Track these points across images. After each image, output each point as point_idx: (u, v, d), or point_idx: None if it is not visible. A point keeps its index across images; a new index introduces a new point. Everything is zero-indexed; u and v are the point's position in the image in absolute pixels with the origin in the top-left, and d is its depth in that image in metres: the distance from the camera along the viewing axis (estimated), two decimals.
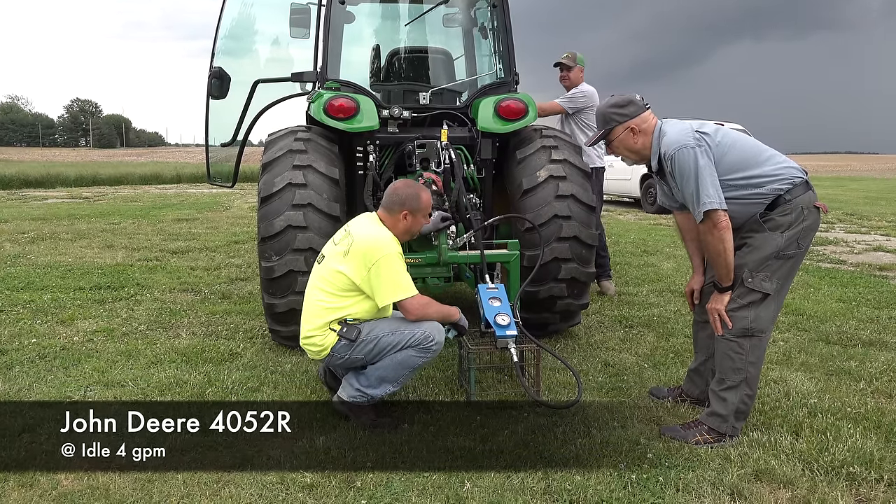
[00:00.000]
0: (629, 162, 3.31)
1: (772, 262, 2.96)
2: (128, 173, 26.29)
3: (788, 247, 2.96)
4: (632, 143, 3.10)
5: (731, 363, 3.05)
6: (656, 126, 3.08)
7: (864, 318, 5.40)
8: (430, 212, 3.46)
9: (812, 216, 2.98)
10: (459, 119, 4.85)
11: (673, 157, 2.94)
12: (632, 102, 3.09)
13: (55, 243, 8.91)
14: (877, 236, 10.76)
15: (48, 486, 2.70)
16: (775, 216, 2.96)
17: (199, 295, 6.08)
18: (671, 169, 2.99)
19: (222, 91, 5.27)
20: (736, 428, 3.06)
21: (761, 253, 2.97)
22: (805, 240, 2.99)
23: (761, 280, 2.97)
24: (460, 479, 2.75)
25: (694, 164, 2.89)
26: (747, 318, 3.00)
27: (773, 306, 3.05)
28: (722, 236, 2.90)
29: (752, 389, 3.06)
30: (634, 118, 3.07)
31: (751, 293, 2.99)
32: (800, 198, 2.96)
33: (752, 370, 3.04)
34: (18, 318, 5.15)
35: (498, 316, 3.45)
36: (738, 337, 3.02)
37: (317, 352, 3.25)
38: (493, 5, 5.12)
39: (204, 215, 13.22)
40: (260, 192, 4.29)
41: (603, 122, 3.15)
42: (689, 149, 2.91)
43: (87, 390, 3.69)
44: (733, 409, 3.03)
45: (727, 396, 3.05)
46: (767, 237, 2.96)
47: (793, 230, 2.95)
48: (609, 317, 5.45)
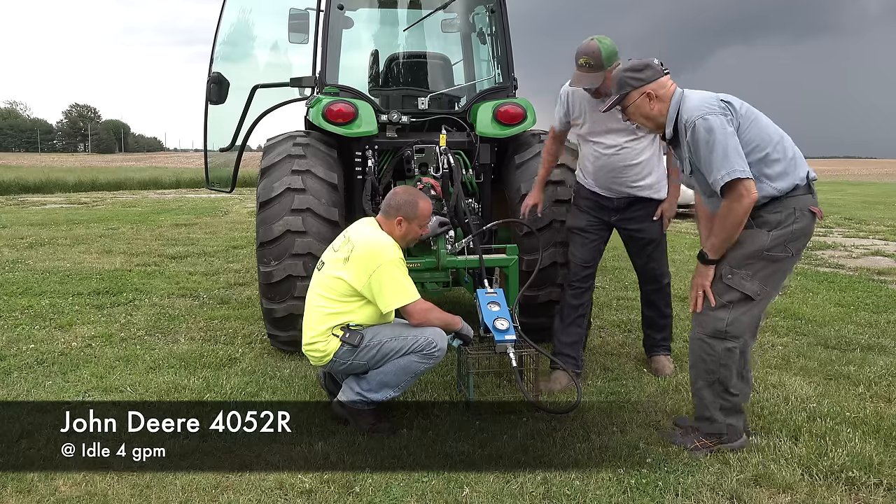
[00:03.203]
0: (644, 130, 3.17)
1: (754, 262, 2.83)
2: (126, 178, 26.33)
3: (775, 248, 2.82)
4: (648, 109, 2.93)
5: (702, 364, 2.95)
6: (675, 93, 2.91)
7: (862, 322, 5.41)
8: (427, 222, 3.44)
9: (805, 220, 2.83)
10: (458, 124, 4.85)
11: (695, 124, 2.76)
12: (649, 66, 2.92)
13: (53, 249, 8.90)
14: (875, 240, 10.78)
15: (46, 492, 2.69)
16: (764, 213, 2.82)
17: (198, 300, 6.07)
18: (690, 137, 2.81)
19: (221, 96, 5.28)
20: (733, 426, 2.96)
21: (744, 249, 2.83)
22: (795, 244, 2.85)
23: (741, 279, 2.84)
24: (459, 483, 2.74)
25: (720, 131, 2.71)
26: (724, 320, 2.87)
27: (756, 312, 2.91)
28: (748, 207, 2.73)
29: (725, 387, 2.94)
30: (651, 83, 2.90)
31: (729, 291, 2.86)
32: (794, 198, 2.82)
33: (724, 371, 2.92)
34: (17, 324, 5.14)
35: (497, 320, 3.45)
36: (711, 338, 2.91)
37: (319, 358, 3.24)
38: (491, 10, 5.13)
39: (203, 220, 13.22)
40: (259, 197, 4.29)
41: (618, 87, 2.98)
42: (714, 115, 2.74)
43: (85, 396, 3.68)
44: (717, 406, 2.94)
45: (704, 395, 2.97)
46: (753, 234, 2.83)
47: (781, 230, 2.81)
48: (608, 321, 5.46)
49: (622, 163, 3.76)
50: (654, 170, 3.83)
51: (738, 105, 2.83)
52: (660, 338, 4.23)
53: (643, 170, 3.79)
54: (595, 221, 3.94)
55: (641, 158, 3.77)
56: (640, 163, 3.77)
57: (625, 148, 3.74)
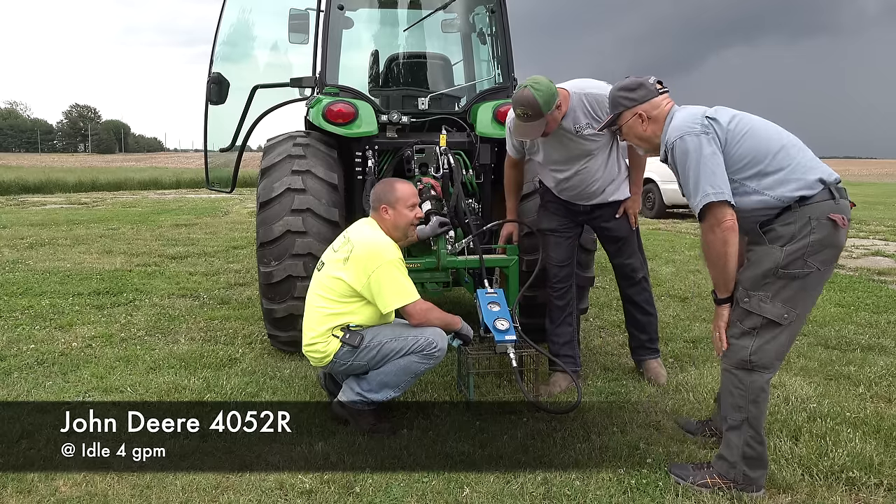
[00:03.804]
0: (641, 151, 3.05)
1: (771, 281, 2.55)
2: (127, 179, 26.33)
3: (791, 264, 2.51)
4: (640, 130, 2.81)
5: (731, 399, 2.68)
6: (670, 112, 2.76)
7: (862, 322, 5.41)
8: (415, 202, 3.40)
9: (823, 229, 2.50)
10: (458, 124, 4.86)
11: (674, 145, 2.62)
12: (642, 86, 2.79)
13: (54, 249, 8.90)
14: (875, 241, 10.77)
15: (46, 492, 2.69)
16: (776, 226, 2.56)
17: (198, 300, 6.07)
18: (672, 159, 2.65)
19: (221, 96, 5.28)
20: (750, 477, 2.66)
21: (758, 269, 2.57)
22: (817, 257, 2.51)
23: (759, 301, 2.56)
24: (459, 484, 2.74)
25: (697, 152, 2.54)
26: (748, 349, 2.60)
27: (783, 340, 2.60)
28: (726, 237, 2.52)
29: (755, 431, 2.65)
30: (643, 103, 2.77)
31: (750, 317, 2.60)
32: (809, 206, 2.52)
33: (754, 409, 2.63)
34: (17, 324, 5.14)
35: (497, 321, 3.45)
36: (737, 369, 2.65)
37: (319, 359, 3.24)
38: (491, 11, 5.13)
39: (203, 220, 13.22)
40: (259, 198, 4.29)
41: (612, 106, 2.89)
42: (692, 136, 2.57)
43: (85, 396, 3.68)
44: (740, 455, 2.65)
45: (731, 439, 2.69)
46: (765, 251, 2.57)
47: (795, 244, 2.51)
48: (608, 321, 5.46)
49: (582, 184, 3.77)
50: (614, 177, 3.83)
51: (725, 120, 2.64)
52: (645, 339, 4.14)
53: (604, 184, 3.80)
54: (565, 222, 3.96)
55: (599, 175, 3.76)
56: (598, 179, 3.77)
57: (581, 171, 3.72)
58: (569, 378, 3.82)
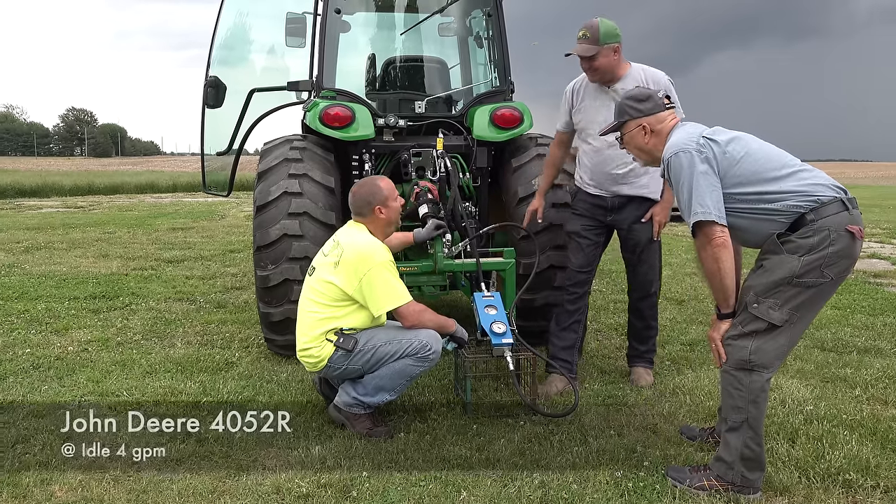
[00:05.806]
0: (640, 163, 3.09)
1: (784, 289, 2.56)
2: (123, 182, 26.29)
3: (807, 273, 2.53)
4: (642, 141, 2.86)
5: (731, 400, 2.70)
6: (672, 129, 2.83)
7: (858, 325, 5.42)
8: (396, 193, 3.42)
9: (842, 241, 2.52)
10: (455, 128, 4.86)
11: (669, 161, 2.68)
12: (650, 98, 2.86)
13: (50, 253, 8.88)
14: (871, 243, 10.81)
15: (42, 497, 2.68)
16: (795, 238, 2.56)
17: (195, 304, 6.06)
18: (668, 175, 2.72)
19: (218, 100, 5.27)
20: (748, 478, 2.67)
21: (772, 276, 2.58)
22: (833, 268, 2.54)
23: (768, 308, 2.58)
24: (456, 487, 2.74)
25: (689, 169, 2.60)
26: (747, 349, 2.63)
27: (782, 341, 2.63)
28: (717, 254, 2.58)
29: (755, 432, 2.67)
30: (649, 116, 2.83)
31: (755, 321, 2.62)
32: (828, 219, 2.53)
33: (754, 410, 2.65)
34: (12, 328, 5.12)
35: (494, 324, 3.46)
36: (736, 369, 2.66)
37: (314, 363, 3.24)
38: (488, 14, 5.14)
39: (199, 224, 13.20)
40: (256, 201, 4.29)
41: (617, 114, 2.94)
42: (686, 153, 2.63)
43: (81, 400, 3.67)
44: (738, 455, 2.67)
45: (730, 440, 2.70)
46: (783, 260, 2.56)
47: (814, 255, 2.52)
48: (605, 325, 5.46)
49: (617, 159, 3.75)
50: (648, 169, 3.82)
51: (724, 141, 2.67)
52: (643, 349, 4.15)
53: (637, 169, 3.78)
54: (591, 224, 3.94)
55: None
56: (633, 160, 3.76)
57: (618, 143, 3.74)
58: (565, 380, 3.82)
